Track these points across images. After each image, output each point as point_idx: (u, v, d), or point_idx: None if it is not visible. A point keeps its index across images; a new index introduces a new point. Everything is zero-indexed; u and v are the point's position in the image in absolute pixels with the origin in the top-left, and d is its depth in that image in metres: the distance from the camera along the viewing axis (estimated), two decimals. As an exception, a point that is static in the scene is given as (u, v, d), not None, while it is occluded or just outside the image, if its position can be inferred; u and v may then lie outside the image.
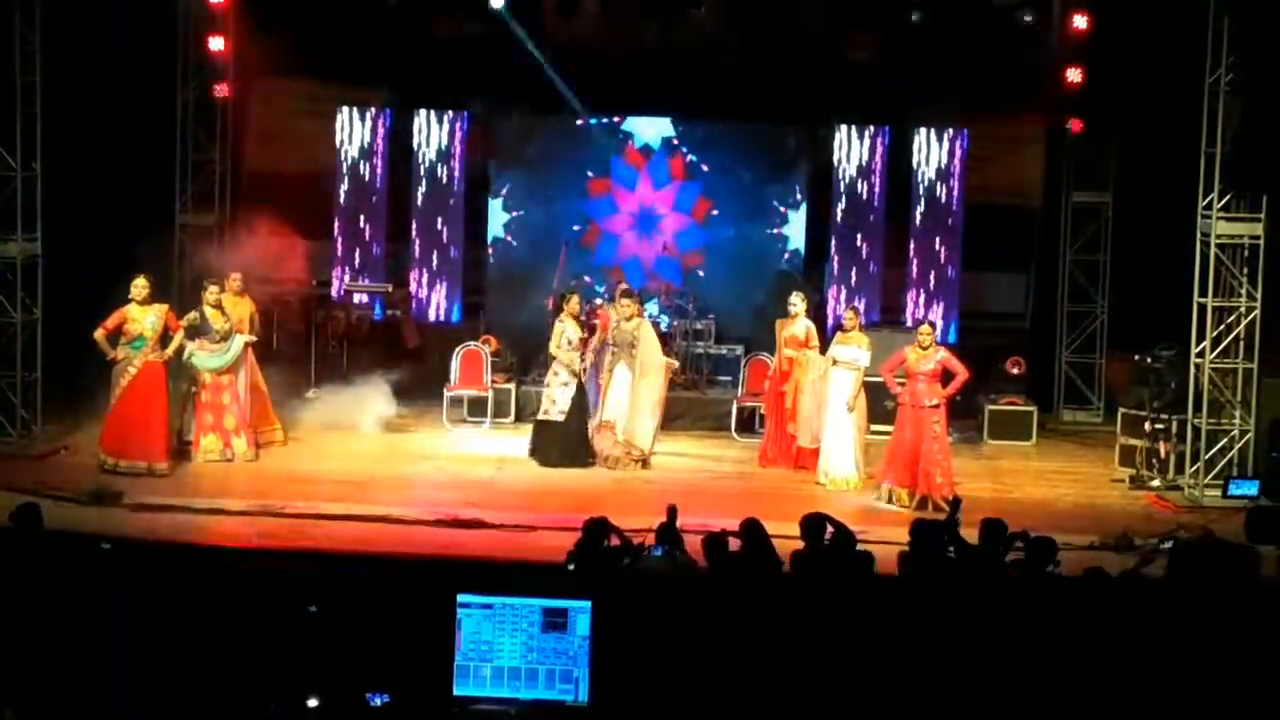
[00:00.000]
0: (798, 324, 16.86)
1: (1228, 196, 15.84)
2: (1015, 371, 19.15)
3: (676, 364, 17.63)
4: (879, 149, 21.27)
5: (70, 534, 10.65)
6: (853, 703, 7.86)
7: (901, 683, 7.88)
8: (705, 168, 21.51)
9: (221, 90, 19.91)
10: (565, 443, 16.63)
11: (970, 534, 10.19)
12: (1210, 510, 15.35)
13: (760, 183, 21.44)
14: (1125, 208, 19.65)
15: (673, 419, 17.67)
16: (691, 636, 7.86)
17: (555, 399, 16.68)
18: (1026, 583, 9.05)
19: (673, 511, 10.37)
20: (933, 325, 15.95)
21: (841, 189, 21.29)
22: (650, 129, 21.54)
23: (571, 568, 9.58)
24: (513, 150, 21.62)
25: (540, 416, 16.91)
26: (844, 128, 21.22)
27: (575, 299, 17.13)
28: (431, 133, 21.44)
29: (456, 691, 7.56)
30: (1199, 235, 15.98)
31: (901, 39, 19.74)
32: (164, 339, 15.48)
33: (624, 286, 17.58)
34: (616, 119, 21.51)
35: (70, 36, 17.15)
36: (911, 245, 21.30)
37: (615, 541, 9.94)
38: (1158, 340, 17.09)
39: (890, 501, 15.21)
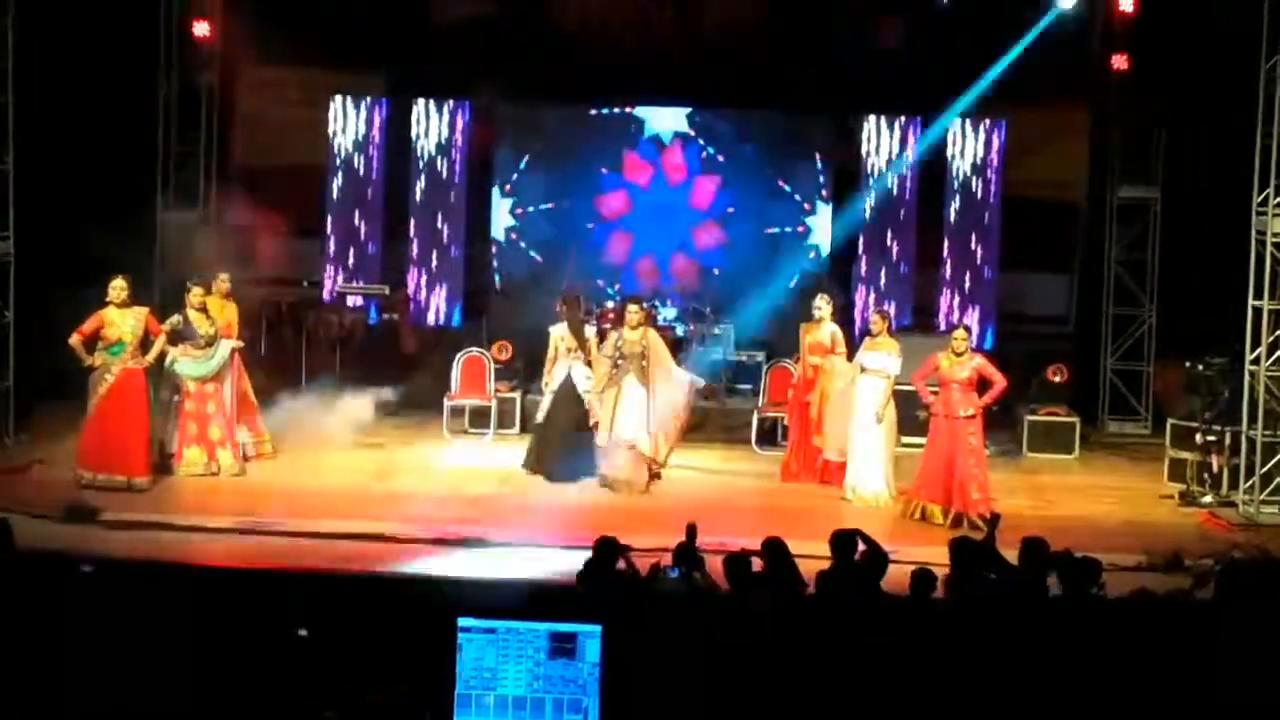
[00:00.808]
0: (823, 329, 16.81)
1: (1285, 191, 15.79)
2: (1057, 379, 19.12)
3: (702, 382, 17.35)
4: (910, 141, 21.26)
5: (43, 553, 10.63)
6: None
7: (936, 710, 7.86)
8: (723, 161, 21.52)
9: (206, 78, 19.93)
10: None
11: (1009, 553, 10.16)
12: (1266, 528, 15.29)
13: (782, 177, 21.45)
14: (1175, 204, 19.61)
15: (689, 430, 17.43)
16: (709, 663, 7.83)
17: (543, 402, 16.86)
18: (1070, 606, 9.01)
19: (692, 530, 10.33)
20: (968, 330, 15.88)
21: (870, 184, 21.28)
22: (664, 119, 21.55)
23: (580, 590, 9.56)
24: (518, 142, 21.63)
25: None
26: (872, 118, 21.22)
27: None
28: (431, 123, 21.47)
29: (457, 722, 7.55)
30: (1253, 233, 15.92)
31: (934, 23, 19.70)
32: (144, 344, 15.44)
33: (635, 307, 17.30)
34: (628, 108, 21.53)
35: (45, 20, 17.16)
36: (945, 244, 21.32)
37: (623, 567, 9.91)
38: (1209, 346, 17.04)
39: (923, 518, 15.16)
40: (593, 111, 21.49)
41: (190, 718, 7.79)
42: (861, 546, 9.86)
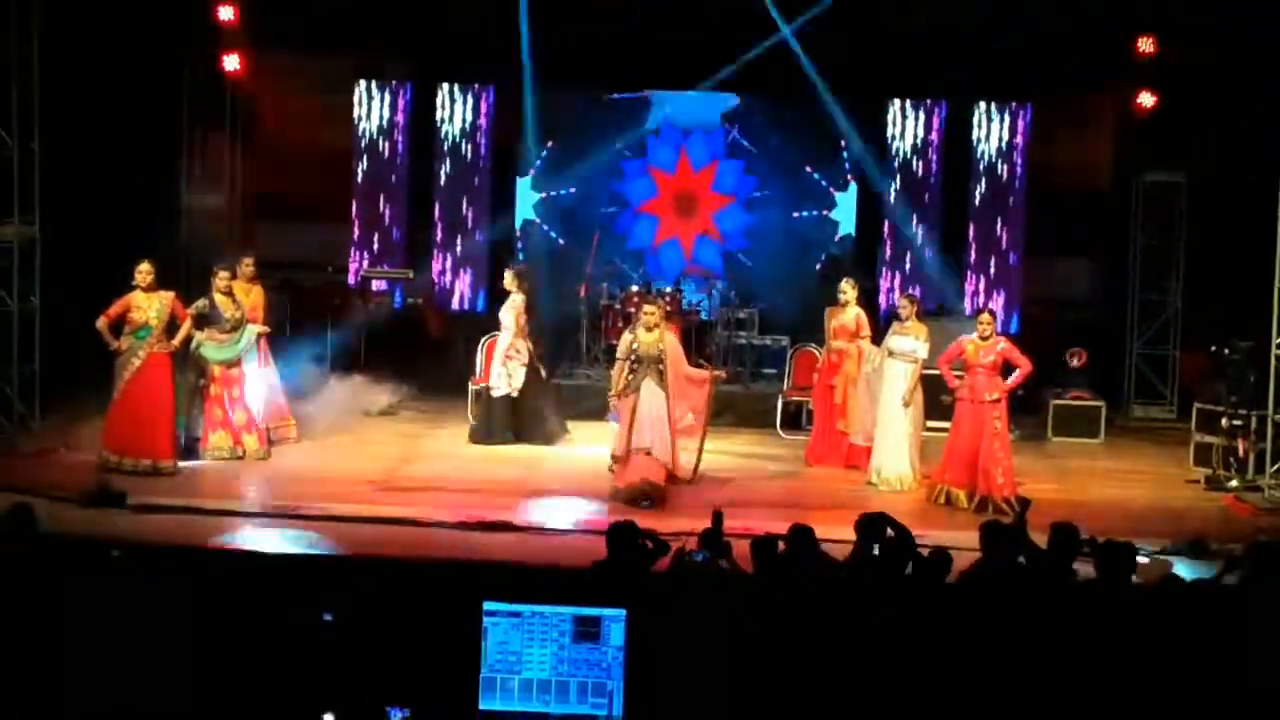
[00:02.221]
0: (848, 313, 16.77)
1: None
2: (1075, 363, 19.08)
3: (722, 373, 17.22)
4: (935, 125, 21.21)
5: (71, 538, 10.67)
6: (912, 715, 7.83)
7: (962, 694, 7.85)
8: (748, 145, 21.49)
9: (231, 63, 19.94)
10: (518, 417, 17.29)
11: (1039, 538, 10.13)
12: (1291, 512, 15.28)
13: (808, 161, 21.41)
14: (1202, 187, 19.54)
15: (713, 415, 17.17)
16: (733, 647, 7.83)
17: (513, 374, 17.20)
18: (1098, 590, 8.98)
19: (718, 517, 10.27)
20: (993, 314, 15.80)
21: (895, 168, 21.24)
22: (690, 104, 21.51)
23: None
24: (543, 127, 21.60)
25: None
26: (898, 102, 21.16)
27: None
28: (455, 108, 21.45)
29: (482, 705, 7.55)
30: (1280, 216, 15.87)
31: (960, 6, 19.61)
32: (170, 328, 15.45)
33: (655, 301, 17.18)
34: (653, 93, 21.49)
35: (70, 4, 17.16)
36: (971, 228, 21.25)
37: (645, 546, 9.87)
38: (1236, 330, 16.98)
39: (947, 503, 15.12)
40: (617, 96, 21.45)
41: (215, 700, 7.81)
42: (889, 532, 9.82)
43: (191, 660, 7.83)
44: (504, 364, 17.18)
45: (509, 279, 17.40)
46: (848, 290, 16.81)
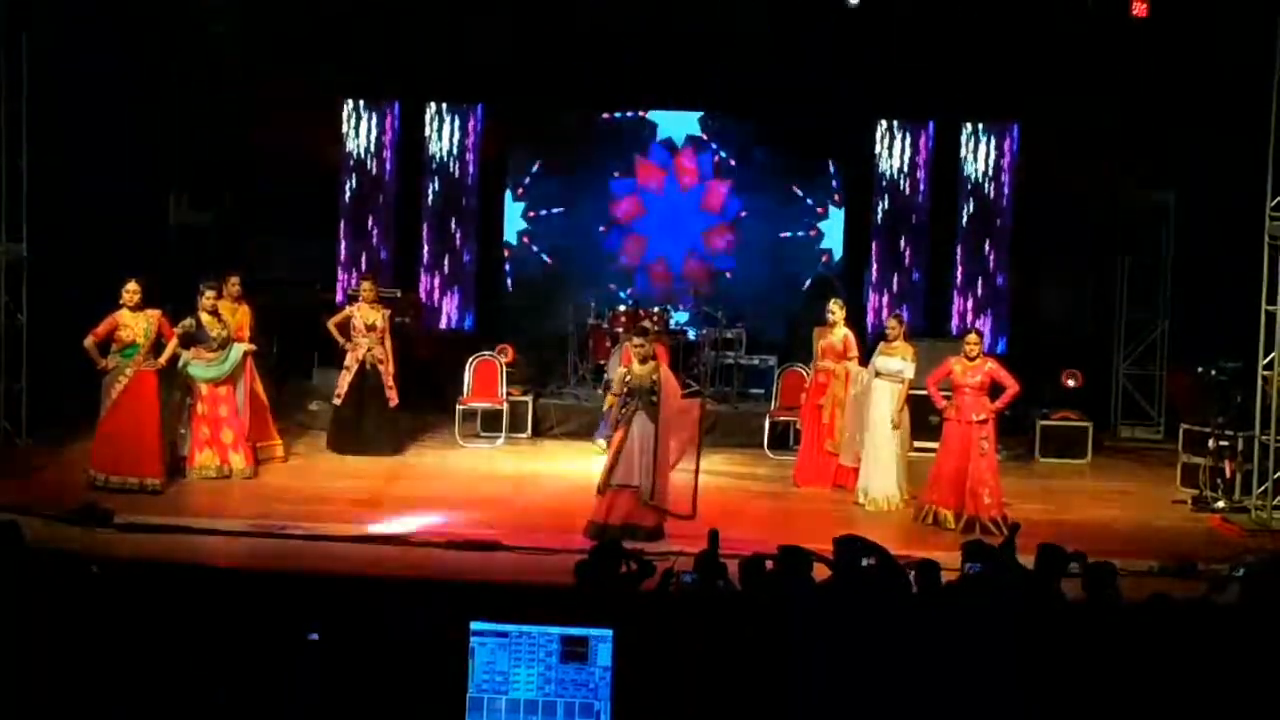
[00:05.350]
0: (835, 333, 16.78)
1: (1298, 195, 15.73)
2: (1071, 384, 19.08)
3: (711, 404, 17.06)
4: (923, 145, 21.22)
5: (54, 554, 10.60)
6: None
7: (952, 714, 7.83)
8: (736, 165, 21.50)
9: (220, 80, 19.90)
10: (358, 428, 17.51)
11: (1026, 560, 10.13)
12: (1278, 534, 15.23)
13: (795, 181, 21.42)
14: (1189, 208, 19.55)
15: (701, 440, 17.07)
16: (722, 667, 7.80)
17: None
18: (1086, 609, 8.98)
19: (714, 537, 10.21)
20: (980, 334, 15.84)
21: (882, 188, 21.24)
22: (677, 123, 21.53)
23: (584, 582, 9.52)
24: (531, 146, 21.60)
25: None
26: (885, 122, 21.17)
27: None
28: (444, 127, 21.42)
29: (469, 726, 7.53)
30: (1267, 238, 15.86)
31: (946, 26, 19.60)
32: (157, 347, 15.44)
33: (641, 327, 16.98)
34: (641, 113, 21.50)
35: (57, 23, 17.14)
36: (958, 249, 21.25)
37: (629, 567, 9.85)
38: (1223, 351, 16.99)
39: (935, 523, 15.12)
40: (605, 115, 21.45)
41: (200, 715, 7.78)
42: (872, 559, 9.76)
43: (174, 679, 7.80)
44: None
45: (370, 290, 17.70)
46: (835, 311, 16.83)
